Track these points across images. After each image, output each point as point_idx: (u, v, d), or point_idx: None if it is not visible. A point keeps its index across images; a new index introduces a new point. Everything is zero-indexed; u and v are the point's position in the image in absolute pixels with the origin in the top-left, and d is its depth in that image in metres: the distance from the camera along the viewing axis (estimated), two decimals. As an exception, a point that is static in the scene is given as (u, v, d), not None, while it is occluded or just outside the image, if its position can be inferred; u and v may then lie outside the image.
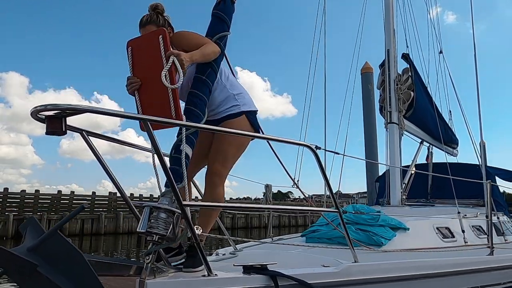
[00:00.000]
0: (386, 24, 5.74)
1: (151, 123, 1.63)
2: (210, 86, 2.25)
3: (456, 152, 7.68)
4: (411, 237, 3.63)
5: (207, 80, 2.24)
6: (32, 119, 1.60)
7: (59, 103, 1.57)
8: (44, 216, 17.80)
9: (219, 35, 2.35)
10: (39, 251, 1.50)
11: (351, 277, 2.34)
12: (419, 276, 2.69)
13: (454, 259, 3.09)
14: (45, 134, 1.55)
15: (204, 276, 1.92)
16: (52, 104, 1.52)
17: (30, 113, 1.56)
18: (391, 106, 5.35)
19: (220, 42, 2.34)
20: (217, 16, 2.40)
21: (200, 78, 2.25)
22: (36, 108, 1.52)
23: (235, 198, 32.89)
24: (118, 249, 15.21)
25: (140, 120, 1.72)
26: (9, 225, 17.04)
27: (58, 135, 1.58)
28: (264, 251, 3.29)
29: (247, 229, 24.05)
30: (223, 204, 2.31)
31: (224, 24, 2.40)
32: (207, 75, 2.25)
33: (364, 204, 5.59)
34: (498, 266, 3.38)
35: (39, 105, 1.52)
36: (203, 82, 2.24)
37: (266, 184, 4.45)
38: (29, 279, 1.56)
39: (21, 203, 18.76)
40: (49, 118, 1.53)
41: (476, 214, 4.80)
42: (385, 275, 2.51)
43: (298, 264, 2.51)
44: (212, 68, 2.27)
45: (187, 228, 1.88)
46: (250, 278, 2.01)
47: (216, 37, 2.34)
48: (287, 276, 2.05)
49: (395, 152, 5.31)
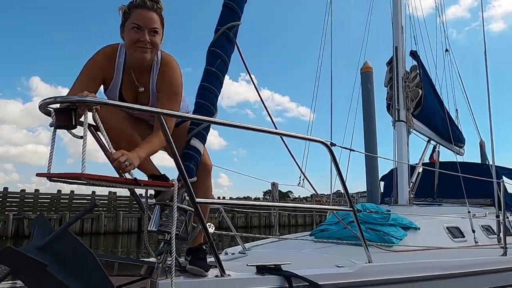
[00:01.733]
0: (394, 21, 5.67)
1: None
2: (221, 78, 2.17)
3: (462, 151, 7.62)
4: (421, 237, 3.56)
5: (217, 72, 2.16)
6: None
7: (69, 96, 1.50)
8: (43, 215, 17.75)
9: (229, 25, 2.27)
10: (49, 250, 1.43)
11: (366, 278, 2.28)
12: (434, 276, 2.62)
13: (468, 260, 3.03)
14: (54, 128, 1.49)
15: (217, 276, 1.86)
16: (61, 97, 1.46)
17: (38, 106, 1.50)
18: (399, 104, 5.28)
19: (230, 32, 2.27)
20: (228, 6, 2.32)
21: (210, 70, 2.17)
22: (45, 101, 1.45)
23: (235, 197, 32.81)
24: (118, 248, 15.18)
25: (153, 113, 1.65)
26: (8, 225, 17.05)
27: (67, 129, 1.51)
28: (274, 250, 3.23)
29: (247, 228, 23.98)
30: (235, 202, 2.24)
31: (235, 14, 2.32)
32: (217, 66, 2.18)
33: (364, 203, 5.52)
34: None
35: (48, 97, 1.46)
36: (212, 74, 2.16)
37: (273, 182, 4.38)
38: (38, 279, 1.49)
39: (20, 203, 18.76)
40: (57, 111, 1.47)
41: (485, 213, 4.74)
42: (400, 276, 2.44)
43: (310, 264, 2.45)
44: (221, 59, 2.20)
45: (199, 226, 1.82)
46: (264, 278, 1.95)
47: (226, 26, 2.26)
48: (301, 278, 1.99)
49: (403, 151, 5.24)
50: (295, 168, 4.88)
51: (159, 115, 1.56)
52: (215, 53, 2.20)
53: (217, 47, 2.22)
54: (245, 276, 1.93)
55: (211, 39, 2.27)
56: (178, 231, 1.74)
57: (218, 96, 2.15)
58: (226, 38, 2.25)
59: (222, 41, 2.24)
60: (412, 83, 5.38)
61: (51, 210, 19.18)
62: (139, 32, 1.86)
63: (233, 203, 2.20)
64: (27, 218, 17.30)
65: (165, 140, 1.59)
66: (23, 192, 18.99)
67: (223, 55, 2.21)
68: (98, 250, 14.67)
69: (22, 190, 19.15)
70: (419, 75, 5.52)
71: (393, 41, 5.57)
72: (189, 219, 1.83)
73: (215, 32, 2.28)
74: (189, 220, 1.83)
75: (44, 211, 18.52)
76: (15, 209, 18.32)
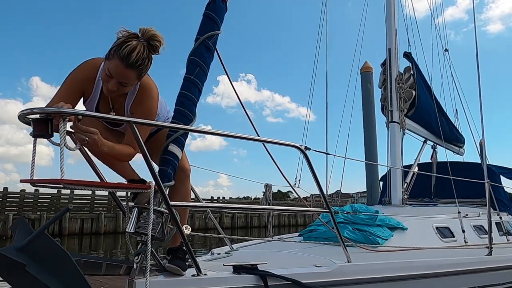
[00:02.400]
0: (387, 23, 5.70)
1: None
2: (200, 86, 2.25)
3: (462, 150, 7.60)
4: (409, 237, 3.61)
5: (196, 80, 2.24)
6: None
7: (45, 107, 1.61)
8: (43, 215, 17.87)
9: (208, 34, 2.35)
10: (27, 251, 1.54)
11: (343, 277, 2.34)
12: (413, 276, 2.67)
13: (450, 259, 3.07)
14: (32, 137, 1.59)
15: (194, 275, 1.95)
16: (38, 108, 1.56)
17: (17, 116, 1.60)
18: (392, 105, 5.32)
19: (209, 41, 2.35)
20: (208, 16, 2.40)
21: (189, 78, 2.24)
22: (23, 112, 1.55)
23: (235, 198, 32.85)
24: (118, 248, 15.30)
25: (126, 122, 1.74)
26: (8, 225, 17.01)
27: (44, 138, 1.61)
28: (259, 251, 3.30)
29: (247, 228, 24.11)
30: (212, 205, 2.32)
31: (214, 24, 2.40)
32: (196, 74, 2.25)
33: (363, 203, 5.57)
34: (497, 266, 3.35)
35: (26, 108, 1.56)
36: (191, 82, 2.24)
37: (266, 183, 4.46)
38: (18, 279, 1.60)
39: (20, 203, 18.86)
40: (35, 121, 1.57)
41: (478, 213, 4.76)
42: (377, 275, 2.50)
43: (291, 264, 2.51)
44: (200, 68, 2.27)
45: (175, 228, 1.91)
46: (240, 277, 2.03)
47: (205, 36, 2.34)
48: (276, 276, 2.06)
49: (396, 152, 5.28)
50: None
51: (131, 123, 1.66)
52: (194, 62, 2.28)
53: (196, 56, 2.30)
54: (221, 275, 2.01)
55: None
56: (154, 233, 1.84)
57: (196, 104, 2.24)
58: (205, 47, 2.33)
59: (201, 50, 2.32)
60: (406, 84, 5.42)
61: (51, 210, 19.13)
62: (109, 78, 1.83)
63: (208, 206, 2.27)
64: (27, 218, 17.47)
65: (138, 146, 1.68)
66: (23, 192, 19.01)
67: (202, 64, 2.29)
68: (98, 250, 14.85)
69: (22, 190, 19.13)
70: (412, 76, 5.56)
71: (387, 43, 5.61)
72: (165, 221, 1.92)
73: (195, 41, 2.36)
74: (165, 222, 1.93)
75: (44, 211, 18.60)
76: (15, 209, 18.43)
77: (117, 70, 1.81)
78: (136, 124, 1.67)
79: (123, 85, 1.86)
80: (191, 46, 2.35)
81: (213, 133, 1.94)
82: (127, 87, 1.89)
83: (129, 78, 1.84)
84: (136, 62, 1.80)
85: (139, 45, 1.81)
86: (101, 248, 15.30)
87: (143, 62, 1.83)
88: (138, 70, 1.84)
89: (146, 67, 1.87)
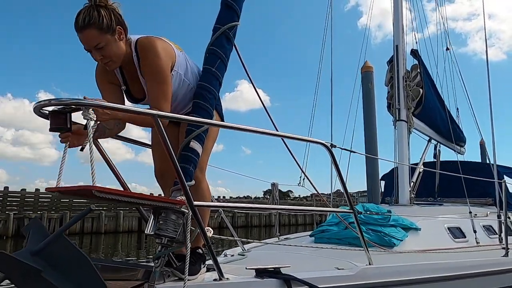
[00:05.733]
0: (394, 20, 5.64)
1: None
2: (220, 79, 2.14)
3: (463, 150, 7.60)
4: (422, 238, 3.54)
5: (217, 72, 2.13)
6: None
7: (63, 98, 1.48)
8: (44, 215, 17.81)
9: (229, 25, 2.23)
10: (44, 255, 1.41)
11: (367, 280, 2.26)
12: (435, 278, 2.60)
13: (470, 261, 3.00)
14: (49, 131, 1.46)
15: (216, 280, 1.84)
16: (56, 99, 1.43)
17: (33, 109, 1.47)
18: (400, 103, 5.25)
19: (230, 32, 2.23)
20: (227, 4, 2.27)
21: (210, 69, 2.14)
22: (40, 103, 1.42)
23: (235, 197, 32.80)
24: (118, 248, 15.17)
25: (149, 115, 1.62)
26: (9, 224, 17.06)
27: (62, 132, 1.49)
28: (273, 252, 3.20)
29: (247, 227, 23.99)
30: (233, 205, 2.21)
31: (234, 13, 2.28)
32: (217, 67, 2.14)
33: (364, 202, 5.50)
34: None
35: (42, 100, 1.43)
36: (212, 74, 2.13)
37: (273, 182, 4.34)
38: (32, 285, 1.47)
39: (21, 202, 18.75)
40: (52, 114, 1.45)
41: (486, 213, 4.71)
42: (401, 278, 2.42)
43: (310, 267, 2.42)
44: (222, 60, 2.16)
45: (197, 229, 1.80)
46: (263, 282, 1.92)
47: (227, 26, 2.22)
48: (301, 281, 1.96)
49: (403, 150, 5.22)
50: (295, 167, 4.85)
51: (155, 116, 1.54)
52: (215, 53, 2.16)
53: (217, 47, 2.18)
54: (244, 279, 1.91)
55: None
56: (175, 235, 1.72)
57: (216, 97, 2.13)
58: (226, 38, 2.21)
59: (222, 41, 2.20)
60: (413, 82, 5.35)
61: (52, 209, 19.15)
62: (90, 53, 1.87)
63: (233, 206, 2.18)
64: (28, 217, 17.33)
65: (163, 143, 1.56)
66: (23, 191, 19.00)
67: (223, 56, 2.17)
68: (99, 249, 14.67)
69: (22, 189, 19.16)
70: (419, 74, 5.50)
71: (394, 40, 5.54)
72: (186, 222, 1.81)
73: (213, 31, 2.24)
74: (187, 223, 1.81)
75: (44, 210, 18.52)
76: (16, 208, 18.33)
77: (81, 41, 1.83)
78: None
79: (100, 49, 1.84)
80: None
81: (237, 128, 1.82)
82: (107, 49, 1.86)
83: (91, 38, 1.81)
84: (84, 21, 1.79)
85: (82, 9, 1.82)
86: (101, 248, 15.11)
87: (91, 16, 1.80)
88: (92, 25, 1.80)
89: (99, 18, 1.81)
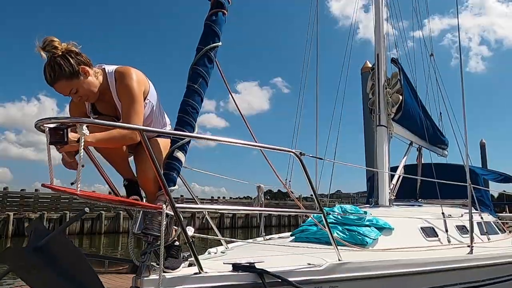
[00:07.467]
0: (376, 29, 5.89)
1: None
2: (202, 96, 2.38)
3: (446, 153, 7.86)
4: (395, 237, 3.78)
5: (199, 89, 2.37)
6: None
7: (61, 116, 1.72)
8: (44, 215, 17.85)
9: (211, 45, 2.48)
10: (44, 250, 1.64)
11: (333, 275, 2.48)
12: (400, 273, 2.83)
13: (434, 257, 3.24)
14: (49, 144, 1.70)
15: (196, 273, 2.07)
16: (55, 118, 1.67)
17: (34, 125, 1.70)
18: (380, 109, 5.51)
19: (211, 52, 2.48)
20: (210, 27, 2.52)
21: (193, 86, 2.38)
22: (41, 121, 1.66)
23: (235, 197, 32.91)
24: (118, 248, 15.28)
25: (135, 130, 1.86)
26: (9, 224, 17.07)
27: (60, 145, 1.72)
28: (253, 250, 3.43)
29: (247, 228, 24.56)
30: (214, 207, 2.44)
31: (215, 35, 2.53)
32: (199, 84, 2.39)
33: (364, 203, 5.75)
34: (477, 264, 3.54)
35: (43, 118, 1.67)
36: (195, 91, 2.37)
37: (258, 185, 4.57)
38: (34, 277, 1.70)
39: (20, 202, 18.82)
40: (52, 130, 1.68)
41: (461, 214, 4.96)
42: (367, 273, 2.65)
43: (285, 263, 2.64)
44: (203, 78, 2.40)
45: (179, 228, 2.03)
46: (239, 275, 2.15)
47: (208, 47, 2.47)
48: (272, 274, 2.19)
49: (383, 154, 5.47)
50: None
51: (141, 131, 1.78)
52: (198, 71, 2.40)
53: (199, 66, 2.42)
54: (221, 273, 2.14)
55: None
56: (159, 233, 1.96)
57: (199, 112, 2.37)
58: (208, 58, 2.45)
59: (204, 61, 2.44)
60: (393, 89, 5.61)
61: (51, 209, 19.23)
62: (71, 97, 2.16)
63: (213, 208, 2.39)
64: (27, 217, 17.43)
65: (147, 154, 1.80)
66: (23, 192, 19.07)
67: (205, 74, 2.41)
68: (98, 250, 14.81)
69: (22, 190, 19.21)
70: (399, 81, 5.76)
71: (375, 49, 5.79)
72: (170, 223, 2.05)
73: (196, 51, 2.48)
74: (170, 223, 2.05)
75: (44, 210, 18.61)
76: (15, 208, 18.42)
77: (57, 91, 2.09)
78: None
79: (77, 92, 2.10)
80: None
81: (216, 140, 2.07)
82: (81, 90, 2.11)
83: (64, 88, 2.08)
84: (51, 77, 2.02)
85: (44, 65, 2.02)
86: (101, 248, 15.24)
87: (55, 71, 2.01)
88: (59, 78, 2.03)
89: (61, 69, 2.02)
